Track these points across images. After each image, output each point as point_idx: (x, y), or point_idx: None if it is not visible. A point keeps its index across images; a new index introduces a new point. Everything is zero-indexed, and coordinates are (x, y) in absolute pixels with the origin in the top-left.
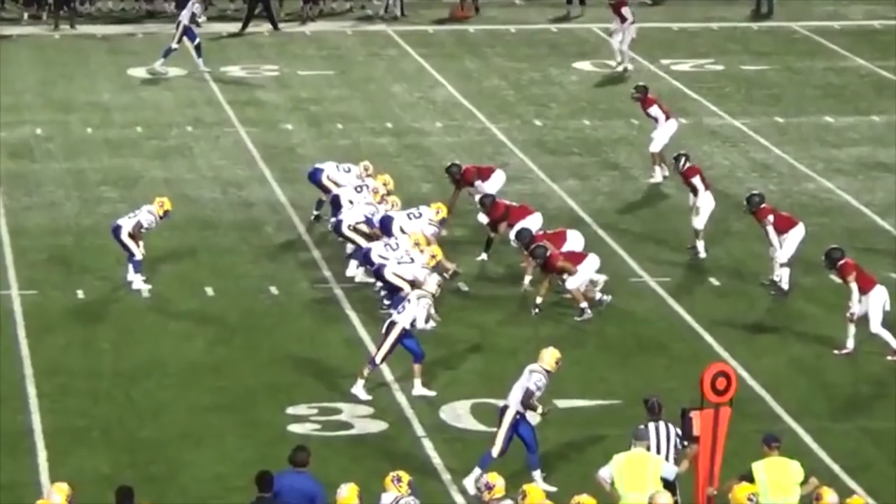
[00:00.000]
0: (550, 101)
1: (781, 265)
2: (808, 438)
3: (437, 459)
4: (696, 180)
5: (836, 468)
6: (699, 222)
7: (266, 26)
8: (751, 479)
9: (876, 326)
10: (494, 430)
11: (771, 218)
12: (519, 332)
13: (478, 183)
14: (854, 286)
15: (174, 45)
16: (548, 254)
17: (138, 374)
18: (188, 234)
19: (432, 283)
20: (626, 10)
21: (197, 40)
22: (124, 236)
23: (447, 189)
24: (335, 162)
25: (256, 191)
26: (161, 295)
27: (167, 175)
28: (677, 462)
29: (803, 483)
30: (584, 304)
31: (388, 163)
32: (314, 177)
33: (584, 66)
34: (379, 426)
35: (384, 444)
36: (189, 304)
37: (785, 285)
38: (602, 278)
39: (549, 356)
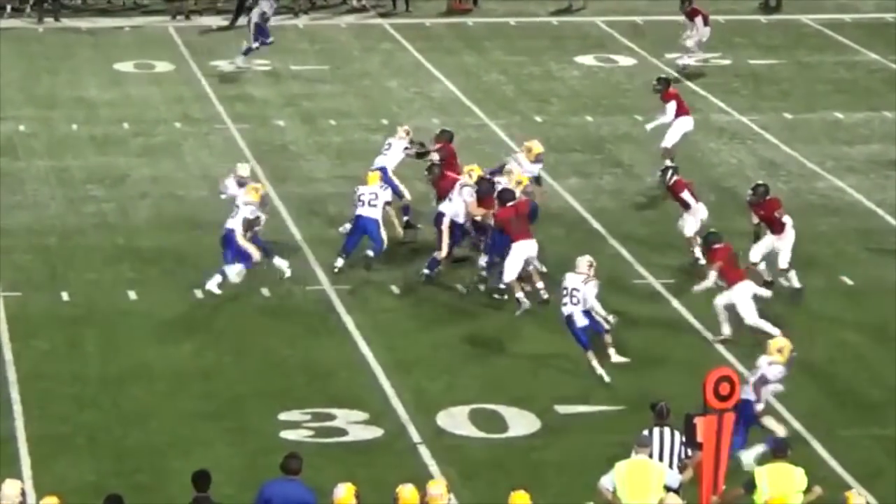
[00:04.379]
0: (551, 96)
1: (783, 270)
2: (817, 446)
3: (433, 467)
4: (686, 195)
5: (846, 476)
6: (689, 230)
7: None
8: (753, 486)
9: (752, 319)
10: (493, 436)
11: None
12: (519, 337)
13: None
14: (713, 275)
15: (254, 45)
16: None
17: (125, 379)
18: (176, 234)
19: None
20: (699, 19)
21: (270, 39)
22: (240, 240)
23: None
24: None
25: None
26: (148, 297)
27: (155, 173)
28: (680, 470)
29: (807, 491)
30: (519, 295)
31: None
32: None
33: (587, 60)
34: (374, 433)
35: (379, 451)
36: (177, 306)
37: (797, 283)
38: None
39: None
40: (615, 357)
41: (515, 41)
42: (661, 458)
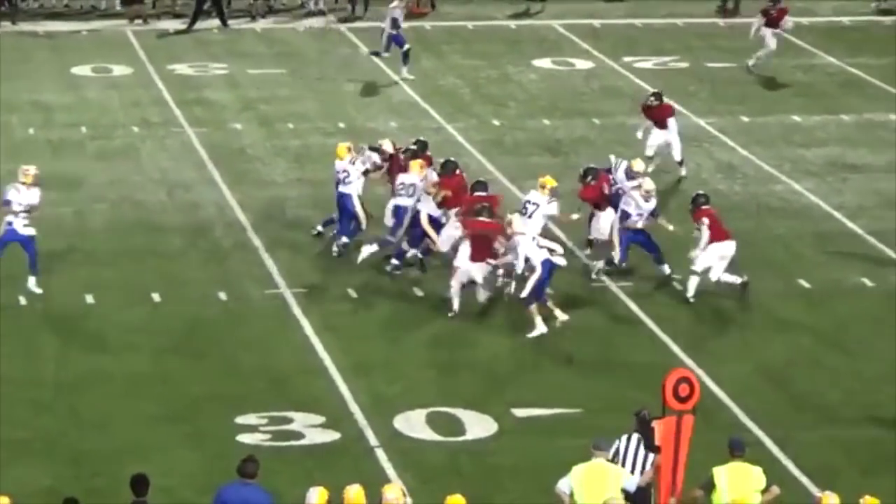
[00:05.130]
0: (509, 100)
1: (694, 273)
2: (774, 448)
3: (391, 471)
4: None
5: (803, 479)
6: (597, 232)
7: (215, 23)
8: (712, 486)
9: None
10: (450, 439)
11: (707, 221)
12: (476, 340)
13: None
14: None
15: (384, 54)
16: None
17: (82, 383)
18: (133, 238)
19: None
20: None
21: (406, 46)
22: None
23: None
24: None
25: (205, 193)
26: (105, 302)
27: (112, 177)
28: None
29: (765, 490)
30: (451, 296)
31: None
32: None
33: (545, 63)
34: (331, 436)
35: (336, 454)
36: (134, 310)
37: (690, 293)
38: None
39: None
40: (560, 315)
41: (473, 44)
42: (628, 464)
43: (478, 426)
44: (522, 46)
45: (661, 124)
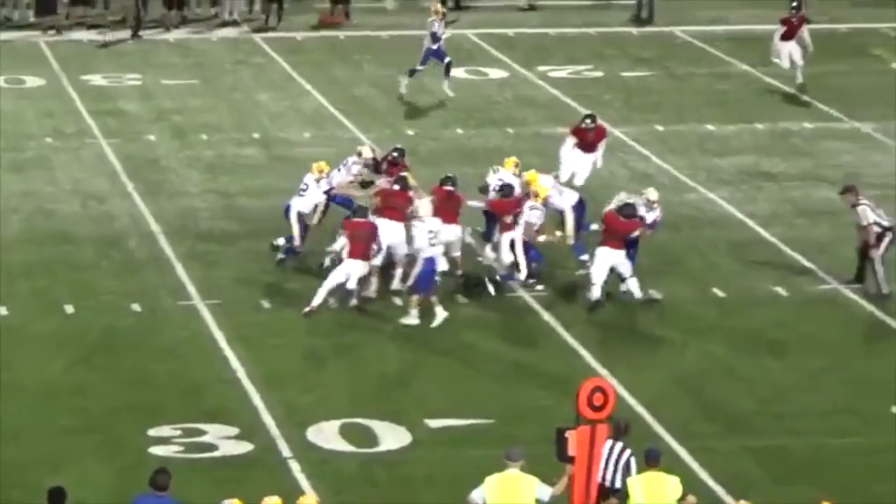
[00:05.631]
0: (423, 109)
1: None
2: (688, 458)
3: (304, 482)
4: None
5: (717, 489)
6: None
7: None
8: (627, 495)
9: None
10: (364, 450)
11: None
12: (390, 351)
13: None
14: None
15: (419, 67)
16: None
17: None
18: (46, 249)
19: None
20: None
21: (447, 59)
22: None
23: None
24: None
25: (118, 204)
26: (18, 313)
27: (25, 188)
28: (613, 483)
29: (681, 500)
30: (369, 292)
31: (254, 174)
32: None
33: (458, 72)
34: (244, 448)
35: (249, 466)
36: (48, 322)
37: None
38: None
39: None
40: (440, 313)
41: (387, 54)
42: (605, 473)
43: (391, 437)
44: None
45: (590, 148)
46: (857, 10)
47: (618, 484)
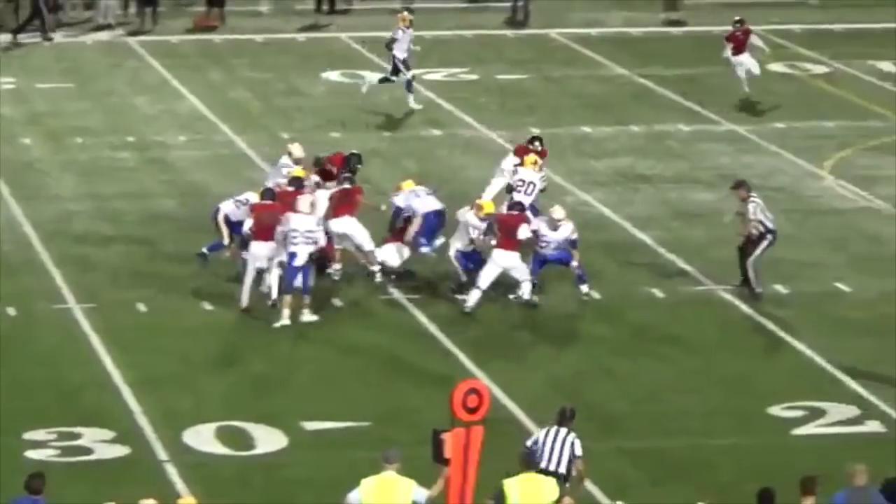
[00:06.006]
0: (298, 112)
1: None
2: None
3: (180, 485)
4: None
5: (594, 489)
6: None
7: (6, 38)
8: (503, 497)
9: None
10: (240, 453)
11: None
12: (265, 352)
13: None
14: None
15: (391, 77)
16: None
17: None
18: None
19: None
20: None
21: (411, 72)
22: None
23: (192, 204)
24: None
25: None
26: None
27: None
28: (568, 472)
29: (557, 502)
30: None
31: (129, 178)
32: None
33: (333, 76)
34: (120, 451)
35: (125, 469)
36: None
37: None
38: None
39: None
40: (307, 317)
41: (262, 58)
42: (551, 457)
43: (267, 440)
44: (311, 59)
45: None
46: (731, 13)
47: (562, 469)
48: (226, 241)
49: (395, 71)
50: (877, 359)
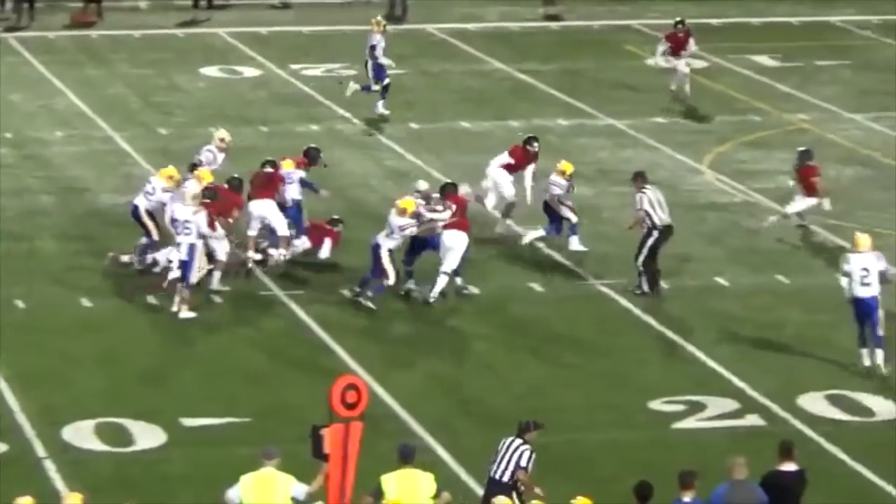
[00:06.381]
0: (176, 108)
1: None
2: (445, 455)
3: (59, 482)
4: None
5: (474, 485)
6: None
7: None
8: (381, 493)
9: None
10: (119, 450)
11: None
12: (145, 348)
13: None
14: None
15: (373, 87)
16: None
17: None
18: None
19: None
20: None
21: (386, 80)
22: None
23: (70, 201)
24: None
25: None
26: None
27: None
28: (513, 475)
29: (435, 497)
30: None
31: (6, 174)
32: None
33: (212, 71)
34: None
35: (4, 466)
36: None
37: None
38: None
39: None
40: (184, 313)
41: (140, 53)
42: (498, 466)
43: (146, 436)
44: (189, 55)
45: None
46: (610, 7)
47: (505, 478)
48: (154, 236)
49: (378, 77)
50: (756, 352)
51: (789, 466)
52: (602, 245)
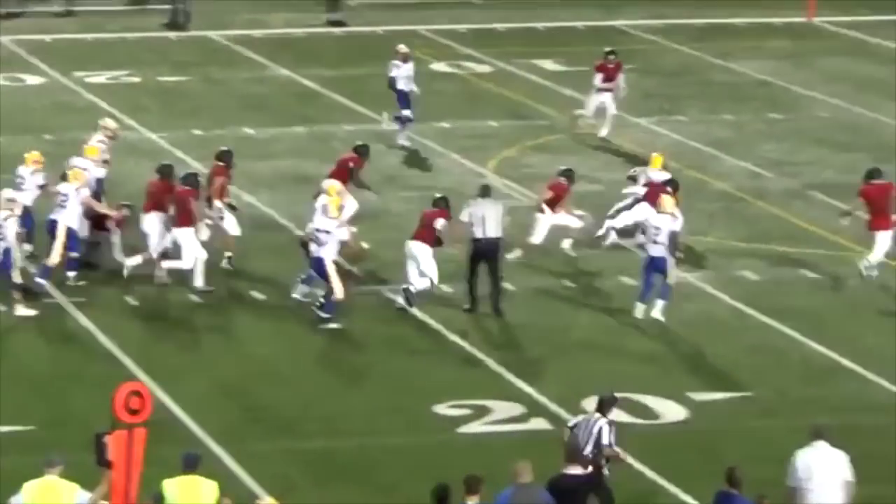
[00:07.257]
0: None
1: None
2: (230, 462)
3: None
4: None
5: (259, 491)
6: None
7: None
8: (162, 498)
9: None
10: None
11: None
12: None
13: None
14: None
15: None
16: None
17: None
18: None
19: None
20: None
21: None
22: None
23: None
24: None
25: None
26: None
27: None
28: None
29: (217, 503)
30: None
31: None
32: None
33: None
34: None
35: None
36: None
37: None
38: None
39: None
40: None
41: None
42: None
43: None
44: None
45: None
46: (396, 13)
47: (587, 451)
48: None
49: (406, 105)
50: (541, 357)
51: (575, 469)
52: (388, 251)
